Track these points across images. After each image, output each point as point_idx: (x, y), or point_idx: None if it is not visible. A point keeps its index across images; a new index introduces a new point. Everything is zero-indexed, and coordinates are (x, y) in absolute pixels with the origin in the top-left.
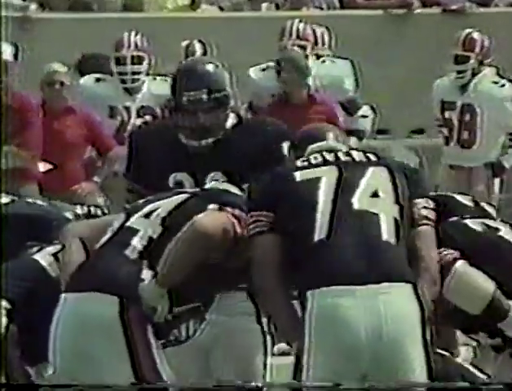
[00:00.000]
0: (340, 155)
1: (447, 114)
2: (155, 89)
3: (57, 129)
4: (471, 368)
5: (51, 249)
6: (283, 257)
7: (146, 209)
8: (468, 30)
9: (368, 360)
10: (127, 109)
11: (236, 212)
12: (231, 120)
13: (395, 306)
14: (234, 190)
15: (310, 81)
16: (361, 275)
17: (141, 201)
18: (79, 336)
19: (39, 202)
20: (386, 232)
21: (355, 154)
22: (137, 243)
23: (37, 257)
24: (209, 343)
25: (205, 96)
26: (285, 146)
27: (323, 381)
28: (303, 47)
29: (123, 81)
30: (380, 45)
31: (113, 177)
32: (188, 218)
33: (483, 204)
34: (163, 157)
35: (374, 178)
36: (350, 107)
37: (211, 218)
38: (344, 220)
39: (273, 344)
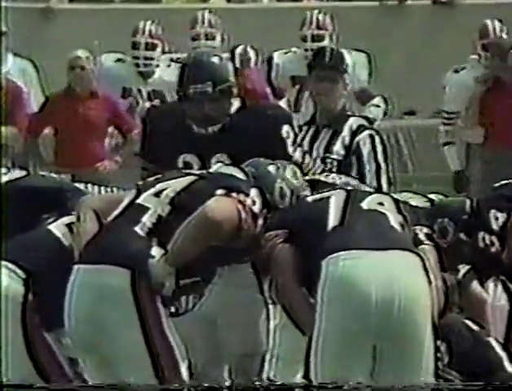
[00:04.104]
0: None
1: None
2: (167, 75)
3: (81, 111)
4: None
5: (65, 220)
6: (299, 260)
7: (156, 188)
8: None
9: (378, 321)
10: (139, 91)
11: (241, 197)
12: (235, 105)
13: (406, 270)
14: (239, 174)
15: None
16: (372, 247)
17: (151, 179)
18: (93, 306)
19: (53, 175)
20: (393, 223)
21: None
22: (147, 220)
23: (51, 227)
24: (215, 313)
25: (209, 89)
26: (285, 129)
27: (334, 343)
28: (322, 36)
29: (137, 65)
30: (375, 33)
31: (134, 157)
32: (196, 200)
33: None
34: (173, 139)
35: (379, 196)
36: (362, 97)
37: (220, 206)
38: (355, 214)
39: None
